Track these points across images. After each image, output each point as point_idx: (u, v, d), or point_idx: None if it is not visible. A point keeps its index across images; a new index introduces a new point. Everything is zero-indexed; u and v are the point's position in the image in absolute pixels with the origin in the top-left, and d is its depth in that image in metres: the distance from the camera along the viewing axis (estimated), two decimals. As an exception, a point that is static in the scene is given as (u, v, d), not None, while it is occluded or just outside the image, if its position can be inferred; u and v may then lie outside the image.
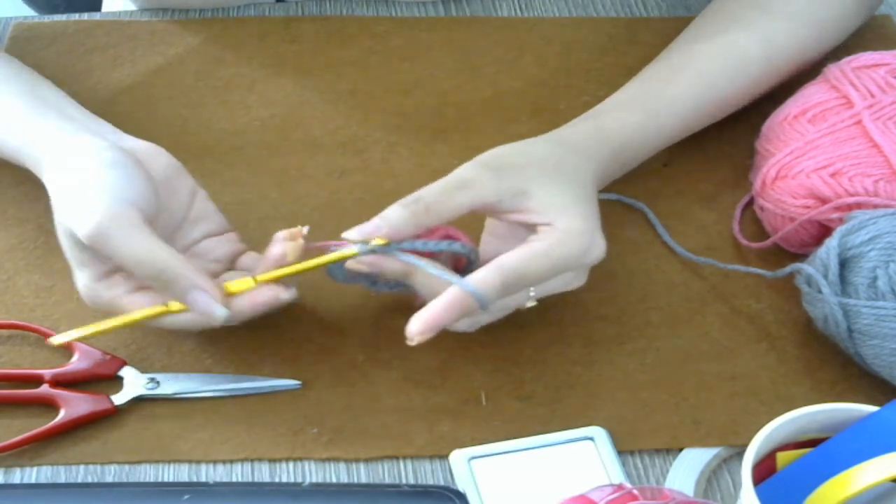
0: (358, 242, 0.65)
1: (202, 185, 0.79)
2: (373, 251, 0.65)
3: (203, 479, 0.65)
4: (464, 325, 0.67)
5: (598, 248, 0.67)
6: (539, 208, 0.66)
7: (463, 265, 0.68)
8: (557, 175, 0.68)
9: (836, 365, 0.70)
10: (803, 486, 0.57)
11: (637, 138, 0.75)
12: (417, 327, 0.63)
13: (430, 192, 0.66)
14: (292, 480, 0.65)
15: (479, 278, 0.64)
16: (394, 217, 0.65)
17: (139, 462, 0.66)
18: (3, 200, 0.79)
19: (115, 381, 0.69)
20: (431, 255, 0.66)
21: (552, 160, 0.69)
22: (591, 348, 0.71)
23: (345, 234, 0.66)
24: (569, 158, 0.70)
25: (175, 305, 0.65)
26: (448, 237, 0.68)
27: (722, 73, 0.79)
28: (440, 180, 0.67)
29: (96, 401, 0.67)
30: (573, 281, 0.68)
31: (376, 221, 0.66)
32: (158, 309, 0.65)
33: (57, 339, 0.66)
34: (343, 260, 0.66)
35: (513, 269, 0.64)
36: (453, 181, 0.67)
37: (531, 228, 0.67)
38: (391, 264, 0.66)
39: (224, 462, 0.66)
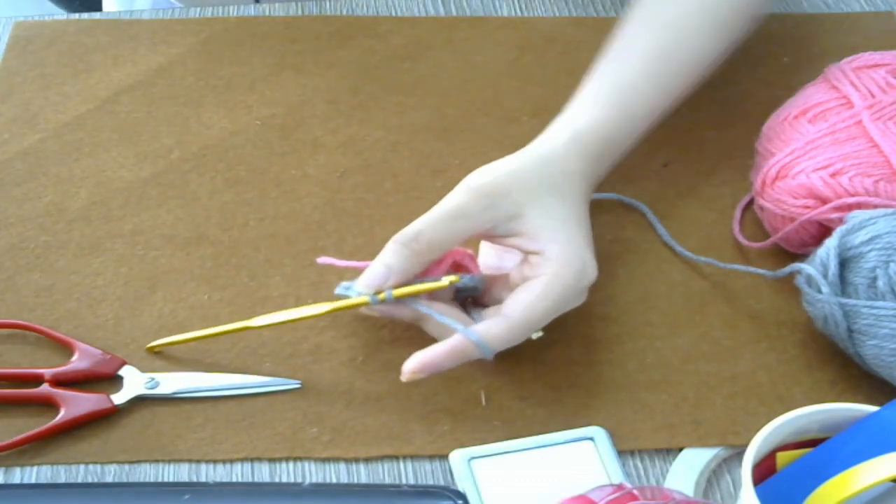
0: (367, 295, 0.66)
1: (203, 185, 0.80)
2: (383, 301, 0.66)
3: (203, 479, 0.65)
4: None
5: (590, 270, 0.67)
6: (531, 232, 0.67)
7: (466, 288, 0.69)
8: (547, 196, 0.68)
9: (836, 365, 0.70)
10: (803, 486, 0.57)
11: (615, 135, 0.74)
12: (411, 366, 0.65)
13: (430, 226, 0.66)
14: (292, 480, 0.65)
15: (485, 329, 0.65)
16: (397, 263, 0.66)
17: (139, 462, 0.66)
18: (3, 200, 0.79)
19: (115, 381, 0.69)
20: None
21: (541, 181, 0.69)
22: (591, 348, 0.71)
23: (355, 288, 0.67)
24: (556, 177, 0.69)
25: (257, 321, 0.69)
26: (456, 263, 0.69)
27: (670, 43, 0.78)
28: (435, 210, 0.67)
29: (96, 400, 0.67)
30: (574, 303, 0.68)
31: (381, 270, 0.66)
32: (243, 324, 0.69)
33: (152, 344, 0.70)
34: (356, 307, 0.67)
35: (518, 320, 0.65)
36: (449, 211, 0.66)
37: (523, 254, 0.68)
38: (402, 312, 0.67)
39: (224, 462, 0.66)
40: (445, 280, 0.67)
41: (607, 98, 0.75)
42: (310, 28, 0.92)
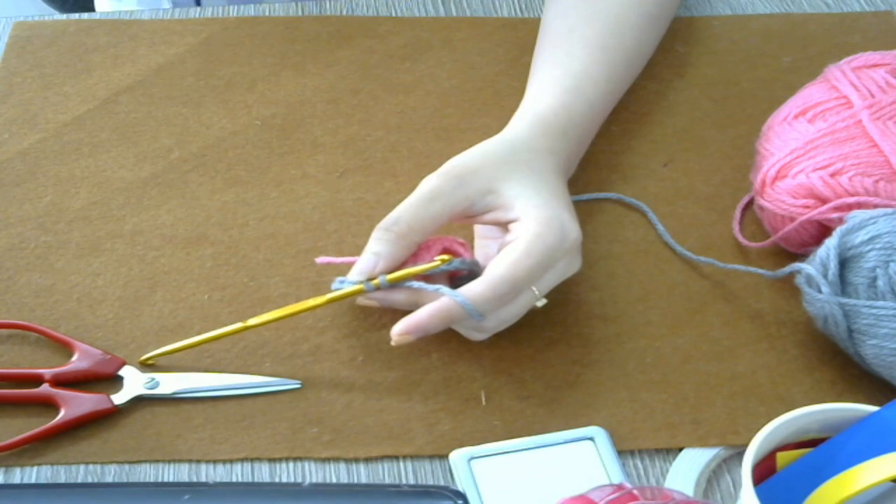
0: (362, 282, 0.68)
1: (203, 185, 0.79)
2: (378, 287, 0.68)
3: (203, 479, 0.65)
4: (478, 335, 0.69)
5: (571, 230, 0.68)
6: (507, 203, 0.68)
7: (462, 274, 0.69)
8: (516, 169, 0.70)
9: (836, 365, 0.70)
10: (803, 486, 0.57)
11: (575, 118, 0.76)
12: (399, 329, 0.66)
13: (407, 210, 0.68)
14: (292, 480, 0.65)
15: (468, 289, 0.66)
16: (384, 248, 0.68)
17: (139, 462, 0.66)
18: (3, 200, 0.79)
19: (115, 381, 0.69)
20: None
21: (508, 157, 0.71)
22: (591, 348, 0.71)
23: (348, 278, 0.68)
24: (523, 154, 0.72)
25: (253, 320, 0.69)
26: (446, 249, 0.69)
27: (610, 36, 0.81)
28: (412, 195, 0.69)
29: (96, 400, 0.67)
30: (567, 268, 0.69)
31: (371, 257, 0.68)
32: (237, 326, 0.69)
33: (144, 357, 0.70)
34: (351, 296, 0.68)
35: (501, 277, 0.65)
36: (423, 193, 0.69)
37: (504, 227, 0.69)
38: (397, 297, 0.68)
39: (224, 462, 0.66)
40: (437, 259, 0.68)
41: (562, 84, 0.78)
42: (310, 28, 0.92)
